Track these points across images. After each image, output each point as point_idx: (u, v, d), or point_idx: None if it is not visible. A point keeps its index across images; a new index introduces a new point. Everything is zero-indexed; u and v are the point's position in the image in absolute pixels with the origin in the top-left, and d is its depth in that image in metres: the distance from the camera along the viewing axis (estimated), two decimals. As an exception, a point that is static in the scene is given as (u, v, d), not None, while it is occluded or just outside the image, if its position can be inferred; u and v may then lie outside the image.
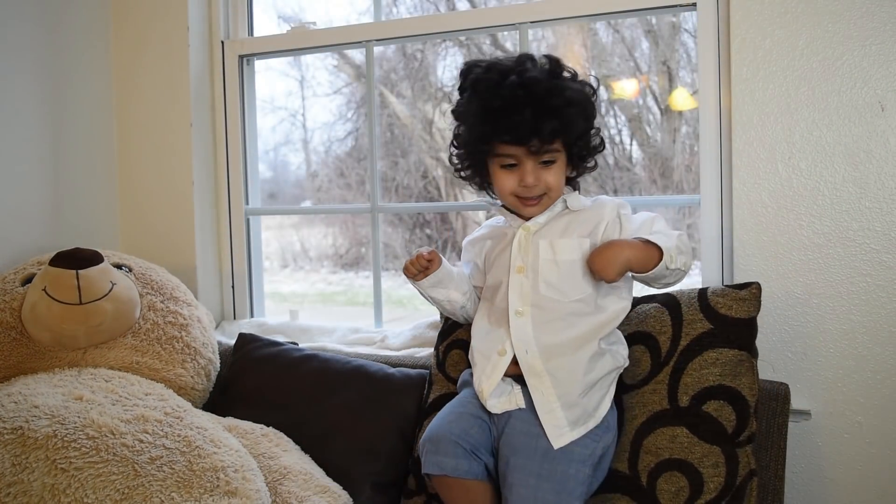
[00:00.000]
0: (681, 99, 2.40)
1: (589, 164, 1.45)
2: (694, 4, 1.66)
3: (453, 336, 1.63)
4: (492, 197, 1.50)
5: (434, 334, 1.83)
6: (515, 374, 1.36)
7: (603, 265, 1.30)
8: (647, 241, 1.31)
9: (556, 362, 1.33)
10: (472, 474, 1.33)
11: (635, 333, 1.45)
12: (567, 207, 1.43)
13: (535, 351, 1.34)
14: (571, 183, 1.48)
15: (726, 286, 1.44)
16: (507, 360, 1.36)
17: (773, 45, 1.53)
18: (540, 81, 1.34)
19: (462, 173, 1.48)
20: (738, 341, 1.38)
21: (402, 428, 1.62)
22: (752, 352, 1.39)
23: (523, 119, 1.31)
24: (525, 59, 1.38)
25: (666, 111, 2.49)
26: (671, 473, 1.34)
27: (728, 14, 1.58)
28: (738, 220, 1.58)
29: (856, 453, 1.53)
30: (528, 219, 1.44)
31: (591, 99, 1.41)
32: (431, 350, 1.80)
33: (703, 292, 1.44)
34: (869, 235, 1.49)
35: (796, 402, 1.53)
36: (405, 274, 1.48)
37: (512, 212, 1.47)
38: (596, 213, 1.42)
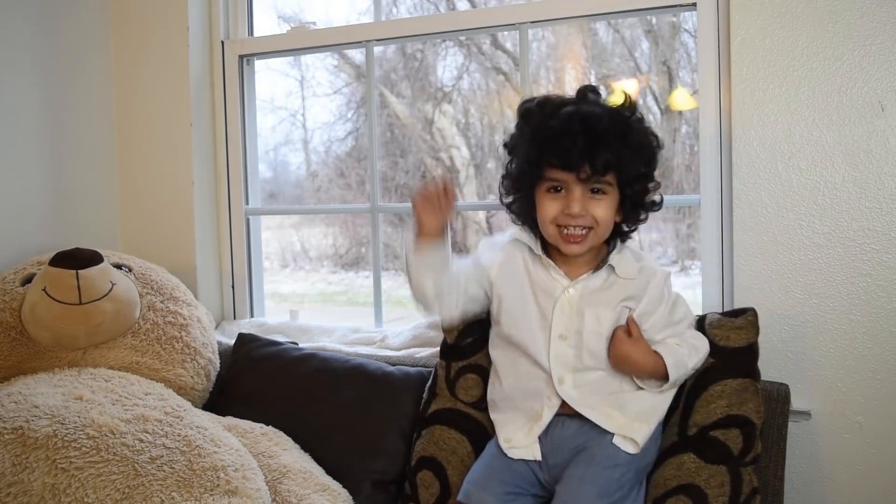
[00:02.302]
0: (681, 99, 2.40)
1: (641, 217, 1.38)
2: (694, 4, 1.66)
3: (471, 359, 1.54)
4: (535, 235, 1.40)
5: (434, 334, 1.83)
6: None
7: (616, 363, 1.34)
8: (661, 364, 1.33)
9: (609, 399, 1.36)
10: None
11: None
12: (616, 274, 1.36)
13: (590, 403, 1.35)
14: (620, 236, 1.39)
15: (722, 314, 1.45)
16: (544, 424, 1.37)
17: (773, 45, 1.53)
18: (599, 114, 1.29)
19: (511, 206, 1.40)
20: (741, 370, 1.38)
21: (401, 426, 1.62)
22: (756, 376, 1.39)
23: (575, 146, 1.25)
24: (587, 90, 1.34)
25: (666, 111, 2.49)
26: (676, 498, 1.33)
27: (728, 14, 1.58)
28: (738, 220, 1.58)
29: (856, 453, 1.52)
30: (569, 265, 1.38)
31: (654, 147, 1.34)
32: (431, 350, 1.80)
33: (699, 322, 1.44)
34: (869, 235, 1.49)
35: (796, 402, 1.53)
36: (416, 208, 1.32)
37: (549, 256, 1.38)
38: (642, 282, 1.37)
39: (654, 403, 1.37)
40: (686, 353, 1.35)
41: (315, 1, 2.54)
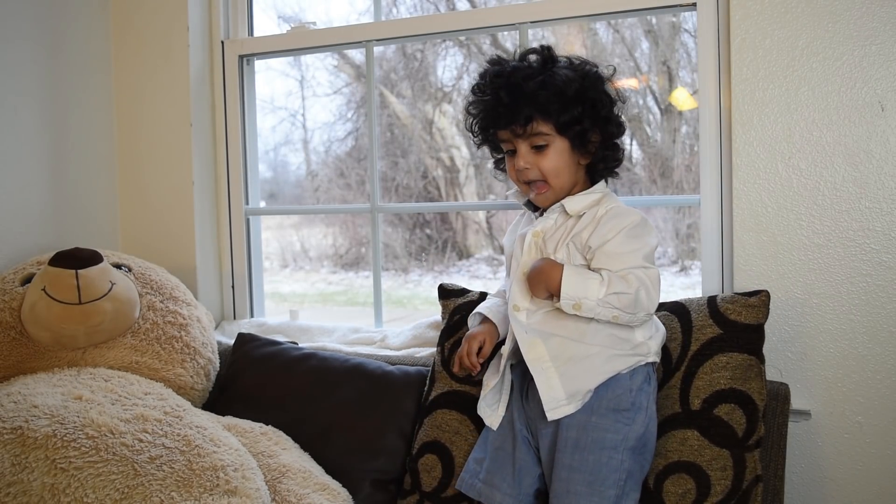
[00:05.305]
0: (681, 99, 2.41)
1: (609, 152, 1.41)
2: (694, 4, 1.66)
3: (460, 333, 1.62)
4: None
5: (434, 334, 1.83)
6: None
7: (530, 286, 1.35)
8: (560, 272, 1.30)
9: (554, 341, 1.34)
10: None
11: None
12: (566, 213, 1.40)
13: (534, 331, 1.35)
14: (602, 174, 1.43)
15: (735, 293, 1.45)
16: (505, 353, 1.41)
17: (773, 45, 1.53)
18: (519, 70, 1.38)
19: (497, 167, 1.52)
20: (748, 346, 1.39)
21: (400, 425, 1.62)
22: (760, 357, 1.40)
23: (500, 104, 1.36)
24: (526, 53, 1.41)
25: (666, 111, 2.50)
26: (679, 476, 1.34)
27: (728, 14, 1.58)
28: (738, 220, 1.58)
29: (856, 453, 1.52)
30: (537, 210, 1.45)
31: (584, 85, 1.36)
32: (431, 350, 1.80)
33: (712, 299, 1.45)
34: (869, 235, 1.49)
35: (796, 402, 1.53)
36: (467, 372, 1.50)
37: (528, 205, 1.48)
38: (588, 217, 1.37)
39: (577, 351, 1.32)
40: (597, 281, 1.28)
41: (315, 1, 2.54)
